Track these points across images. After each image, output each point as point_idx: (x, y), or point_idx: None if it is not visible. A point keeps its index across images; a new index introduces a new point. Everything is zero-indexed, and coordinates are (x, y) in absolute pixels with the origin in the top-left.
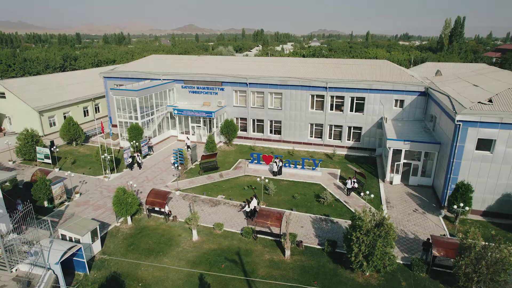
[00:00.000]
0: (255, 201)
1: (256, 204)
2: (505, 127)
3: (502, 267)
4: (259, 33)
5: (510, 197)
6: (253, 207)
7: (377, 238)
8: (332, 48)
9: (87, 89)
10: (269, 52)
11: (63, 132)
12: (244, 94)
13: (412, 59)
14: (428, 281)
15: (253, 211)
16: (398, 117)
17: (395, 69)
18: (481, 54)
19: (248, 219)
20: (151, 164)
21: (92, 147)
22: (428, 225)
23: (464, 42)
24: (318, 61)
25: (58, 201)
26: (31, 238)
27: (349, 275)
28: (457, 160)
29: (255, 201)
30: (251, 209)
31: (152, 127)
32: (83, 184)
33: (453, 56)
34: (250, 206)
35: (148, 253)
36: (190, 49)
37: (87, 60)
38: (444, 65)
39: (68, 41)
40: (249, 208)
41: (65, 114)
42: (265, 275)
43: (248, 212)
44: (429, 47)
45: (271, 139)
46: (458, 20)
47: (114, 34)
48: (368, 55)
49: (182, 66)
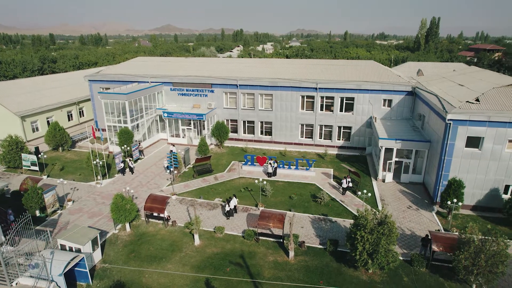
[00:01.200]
0: (234, 200)
1: (236, 203)
2: (493, 125)
3: (499, 259)
4: (238, 33)
5: (497, 192)
6: (233, 206)
7: (381, 236)
8: (313, 48)
9: (70, 92)
10: (252, 53)
11: (48, 137)
12: (235, 96)
13: (392, 58)
14: (428, 275)
15: (232, 210)
16: (386, 116)
17: (382, 69)
18: (456, 53)
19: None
20: (143, 169)
21: (79, 153)
22: (423, 221)
23: (440, 42)
24: (307, 62)
25: (50, 209)
26: (28, 249)
27: (353, 273)
28: (448, 157)
29: (235, 200)
30: (231, 208)
31: (141, 131)
32: (75, 191)
33: (430, 55)
34: (230, 205)
35: (151, 259)
36: (171, 50)
37: (67, 62)
38: (425, 64)
39: (42, 42)
40: (229, 207)
41: (49, 119)
42: (271, 276)
43: (227, 212)
44: (406, 47)
45: (262, 140)
46: (434, 21)
47: (90, 35)
48: (349, 54)
49: (170, 68)
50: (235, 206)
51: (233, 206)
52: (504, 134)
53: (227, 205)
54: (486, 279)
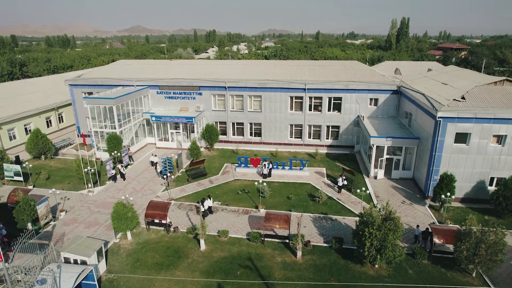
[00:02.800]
0: (209, 201)
1: (210, 203)
2: (479, 121)
3: (498, 248)
4: (211, 33)
5: (483, 184)
6: (207, 207)
7: (388, 232)
8: (289, 48)
9: (48, 97)
10: (230, 54)
11: (30, 145)
12: (223, 98)
13: (367, 57)
14: (431, 266)
15: (207, 211)
16: (373, 115)
17: (366, 69)
18: (425, 52)
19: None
20: (135, 175)
21: (64, 160)
22: (418, 215)
23: (410, 41)
24: (293, 63)
25: (43, 221)
26: (28, 264)
27: (360, 269)
28: (439, 153)
29: (210, 201)
30: (205, 209)
31: (129, 136)
32: (66, 200)
33: (402, 54)
34: (204, 206)
35: (158, 267)
36: (146, 52)
37: (41, 66)
38: (401, 63)
39: (6, 44)
40: (203, 208)
41: (27, 126)
42: (282, 277)
43: (202, 212)
44: (378, 46)
45: (252, 142)
46: (404, 21)
47: (57, 37)
48: (326, 54)
49: (155, 71)
50: (209, 207)
51: (207, 206)
52: (489, 129)
53: (201, 206)
54: (486, 267)
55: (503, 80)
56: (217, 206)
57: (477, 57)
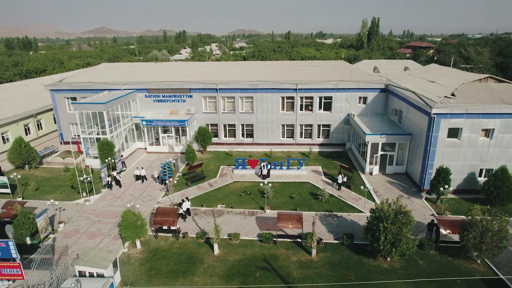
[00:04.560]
0: (187, 203)
1: (189, 206)
2: (469, 117)
3: (503, 235)
4: (181, 34)
5: (474, 175)
6: (185, 209)
7: (401, 226)
8: (261, 49)
9: (24, 103)
10: (207, 55)
11: (13, 155)
12: (214, 100)
13: (343, 56)
14: (439, 256)
15: (185, 213)
16: (362, 113)
17: (353, 68)
18: (396, 51)
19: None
20: (130, 181)
21: (50, 169)
22: (417, 207)
23: (381, 40)
24: (282, 64)
25: (43, 234)
26: (37, 281)
27: (374, 263)
28: (433, 148)
29: (187, 203)
30: (184, 211)
31: (119, 142)
32: (61, 211)
33: (374, 53)
34: (182, 208)
35: (175, 275)
36: (118, 54)
37: (10, 70)
38: (378, 62)
39: None
40: (182, 210)
41: (4, 135)
42: (300, 276)
43: (180, 214)
44: (350, 45)
45: (244, 143)
46: (374, 20)
47: (17, 38)
48: (302, 54)
49: (140, 74)
50: (187, 209)
51: (185, 208)
52: (478, 124)
53: (180, 209)
54: (492, 253)
55: (486, 77)
56: (222, 209)
57: (444, 55)
